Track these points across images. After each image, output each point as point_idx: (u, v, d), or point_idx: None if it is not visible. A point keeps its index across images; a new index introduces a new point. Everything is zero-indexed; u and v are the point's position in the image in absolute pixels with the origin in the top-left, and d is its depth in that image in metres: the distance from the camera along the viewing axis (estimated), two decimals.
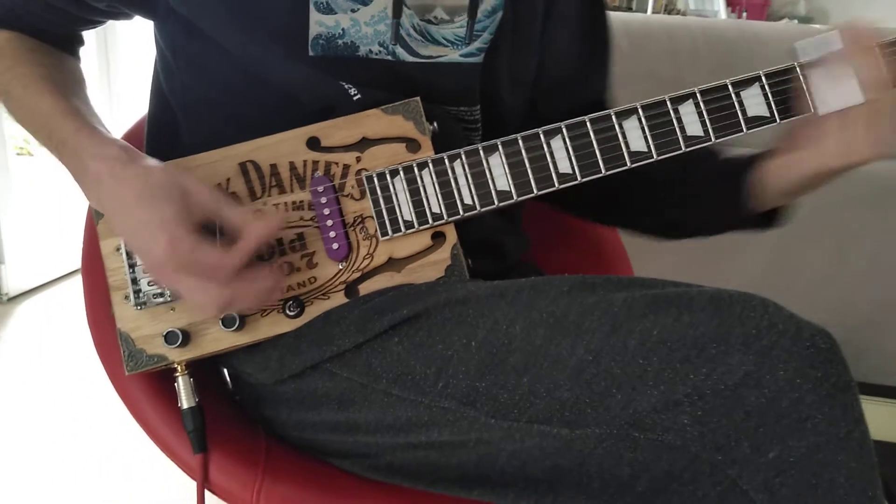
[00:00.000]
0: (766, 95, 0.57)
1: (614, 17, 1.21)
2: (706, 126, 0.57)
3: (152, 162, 0.54)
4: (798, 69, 0.57)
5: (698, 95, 0.57)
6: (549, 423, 0.47)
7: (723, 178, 0.66)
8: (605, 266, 0.88)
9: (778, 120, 0.58)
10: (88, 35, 0.69)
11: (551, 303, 0.49)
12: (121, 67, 2.38)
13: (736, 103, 0.57)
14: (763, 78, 0.57)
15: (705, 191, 0.68)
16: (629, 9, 3.66)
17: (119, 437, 1.41)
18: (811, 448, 0.42)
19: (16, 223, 2.13)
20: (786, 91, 0.58)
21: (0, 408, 1.52)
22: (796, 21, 3.58)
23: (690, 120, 0.57)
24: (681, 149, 0.57)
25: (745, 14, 3.63)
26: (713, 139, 0.57)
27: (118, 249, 0.58)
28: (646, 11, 3.43)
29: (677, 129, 0.57)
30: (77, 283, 0.66)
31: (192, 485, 0.59)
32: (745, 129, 0.58)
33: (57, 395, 1.59)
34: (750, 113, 0.57)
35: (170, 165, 0.55)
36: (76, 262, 0.68)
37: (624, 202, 0.74)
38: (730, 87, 0.57)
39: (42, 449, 1.39)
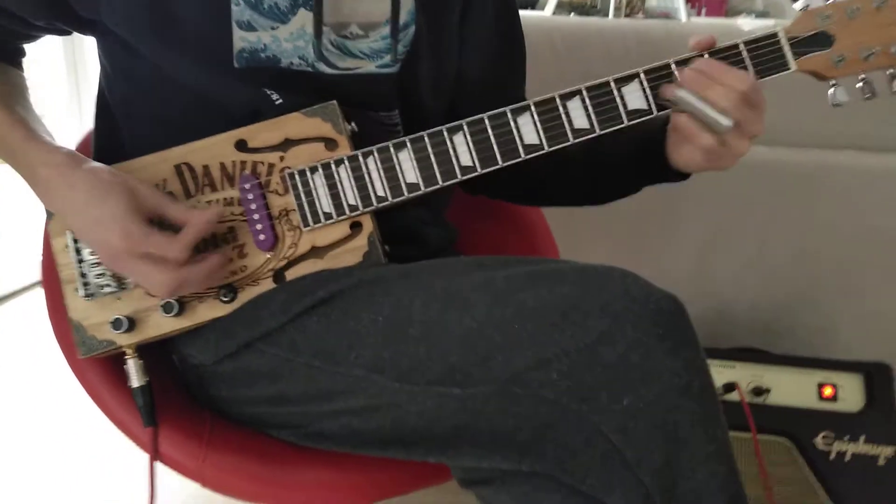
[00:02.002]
0: (644, 91, 0.64)
1: (549, 21, 1.29)
2: (591, 119, 0.64)
3: (97, 165, 0.60)
4: (673, 65, 0.64)
5: (584, 91, 0.64)
6: (444, 384, 0.53)
7: (637, 146, 0.70)
8: (534, 252, 0.95)
9: (655, 112, 0.64)
10: (56, 44, 0.74)
11: (446, 281, 0.56)
12: (89, 75, 2.42)
13: (617, 98, 0.64)
14: (642, 75, 0.64)
15: (622, 158, 0.73)
16: (593, 6, 3.74)
17: (98, 457, 1.46)
18: (658, 395, 0.49)
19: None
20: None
21: None
22: (753, 15, 3.68)
23: (578, 114, 0.64)
24: (569, 141, 0.64)
25: (703, 10, 3.73)
26: (598, 131, 0.64)
27: (66, 247, 0.64)
28: (608, 10, 3.52)
29: (565, 123, 0.64)
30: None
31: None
32: (626, 121, 0.64)
33: (28, 412, 1.61)
34: (630, 106, 0.64)
35: (113, 168, 0.61)
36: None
37: (549, 184, 0.80)
38: (612, 83, 0.64)
39: (11, 470, 1.42)
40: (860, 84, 0.67)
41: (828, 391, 1.09)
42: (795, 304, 1.24)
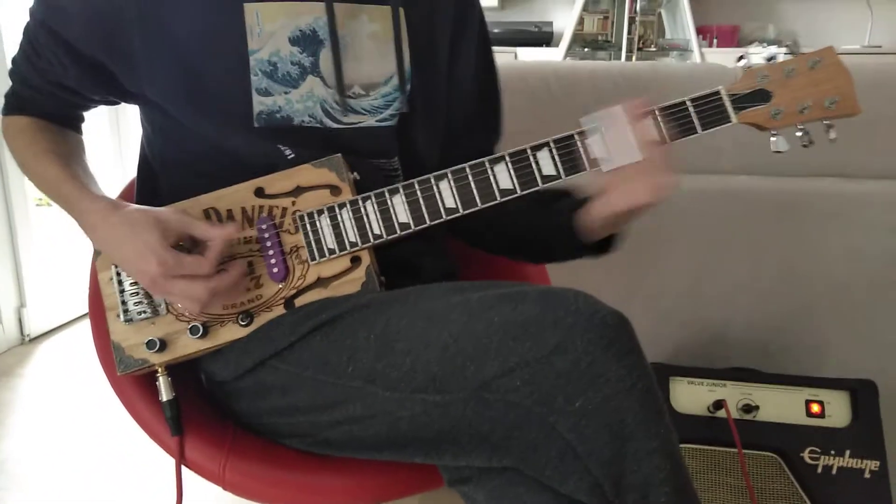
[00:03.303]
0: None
1: (544, 64, 1.39)
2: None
3: (132, 207, 0.72)
4: (576, 137, 0.72)
5: (551, 143, 0.73)
6: (427, 392, 0.62)
7: (559, 219, 0.80)
8: (528, 281, 1.04)
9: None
10: (102, 109, 0.87)
11: (429, 303, 0.66)
12: (131, 133, 2.66)
13: (580, 148, 0.73)
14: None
15: (549, 229, 0.82)
16: (607, 41, 3.87)
17: (134, 468, 1.57)
18: (605, 398, 0.57)
19: (36, 268, 2.32)
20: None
21: (22, 441, 1.68)
22: (765, 44, 3.76)
23: (546, 163, 0.73)
24: (539, 185, 0.73)
25: (715, 41, 3.83)
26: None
27: (111, 279, 0.75)
28: (621, 44, 3.64)
29: (535, 171, 0.73)
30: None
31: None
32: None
33: (75, 429, 1.75)
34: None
35: (144, 207, 0.73)
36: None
37: (490, 238, 0.91)
38: (576, 136, 0.73)
39: (62, 479, 1.54)
40: (799, 133, 0.75)
41: (815, 408, 1.15)
42: (787, 325, 1.30)
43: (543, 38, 3.80)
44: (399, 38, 0.78)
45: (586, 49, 3.72)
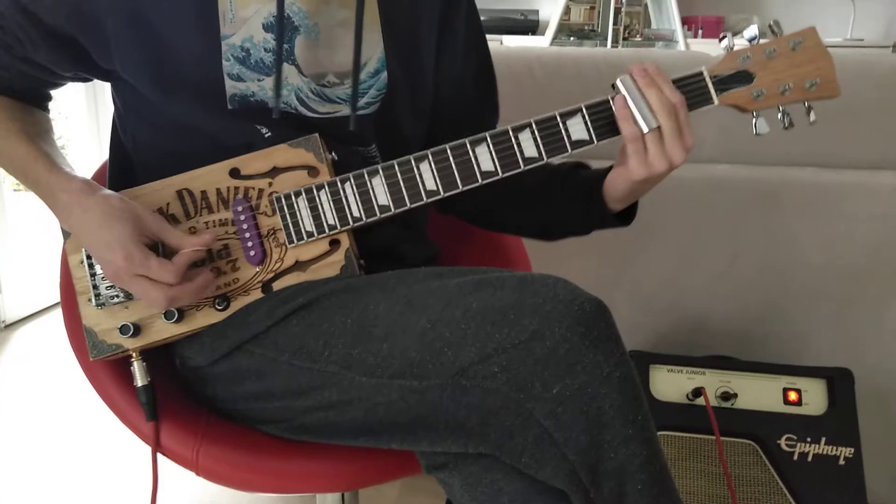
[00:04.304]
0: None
1: (528, 50, 1.38)
2: (540, 148, 0.72)
3: (109, 192, 0.70)
4: (611, 101, 0.73)
5: (533, 124, 0.72)
6: (404, 378, 0.62)
7: (580, 191, 0.81)
8: (509, 268, 1.03)
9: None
10: (79, 88, 0.85)
11: (408, 288, 0.65)
12: (108, 108, 2.61)
13: (562, 130, 0.73)
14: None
15: (569, 201, 0.83)
16: (593, 31, 3.86)
17: (111, 453, 1.55)
18: (582, 384, 0.56)
19: (12, 254, 2.28)
20: (602, 119, 0.73)
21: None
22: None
23: (528, 145, 0.73)
24: (520, 168, 0.72)
25: (700, 32, 3.84)
26: (545, 159, 0.73)
27: (82, 262, 0.73)
28: (607, 34, 3.63)
29: (517, 152, 0.72)
30: None
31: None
32: (570, 150, 0.73)
33: (52, 414, 1.73)
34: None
35: (123, 194, 0.71)
36: None
37: (501, 212, 0.90)
38: (558, 117, 0.73)
39: (39, 464, 1.52)
40: (780, 115, 0.75)
41: (793, 396, 1.16)
42: (766, 315, 1.31)
43: (529, 26, 3.78)
44: (360, 26, 0.76)
45: (572, 38, 3.71)
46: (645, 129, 0.69)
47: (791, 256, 1.28)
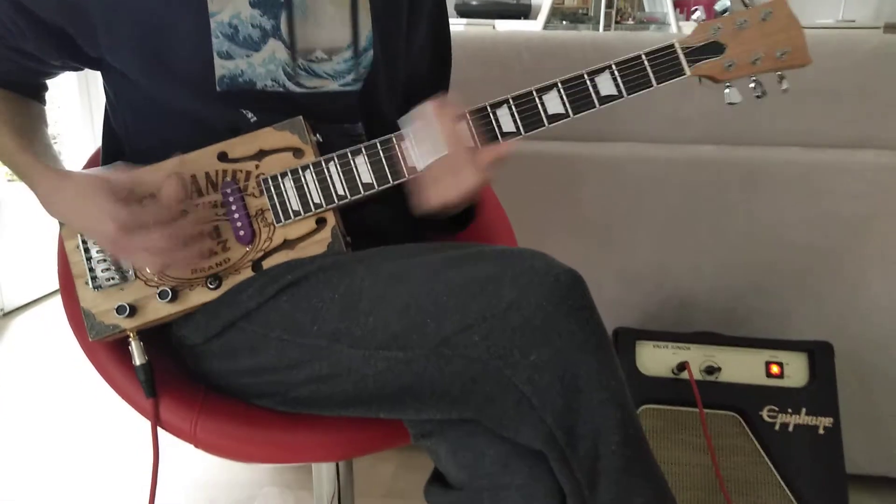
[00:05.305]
0: (562, 98, 0.74)
1: (516, 34, 1.40)
2: (517, 123, 0.74)
3: (79, 173, 0.73)
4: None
5: (511, 101, 0.74)
6: (390, 349, 0.64)
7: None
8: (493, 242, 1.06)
9: (571, 115, 0.74)
10: (71, 77, 0.87)
11: (392, 263, 0.67)
12: (102, 99, 2.62)
13: (539, 105, 0.74)
14: (560, 85, 0.74)
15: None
16: (585, 15, 3.86)
17: (109, 437, 1.59)
18: (557, 351, 0.59)
19: (9, 243, 2.30)
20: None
21: None
22: None
23: (506, 120, 0.74)
24: (499, 141, 0.74)
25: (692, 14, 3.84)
26: (523, 133, 0.74)
27: (78, 247, 0.76)
28: (599, 18, 3.63)
29: (496, 128, 0.74)
30: None
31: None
32: (546, 124, 0.75)
33: (51, 402, 1.76)
34: (550, 111, 0.75)
35: (91, 171, 0.73)
36: None
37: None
38: (534, 93, 0.75)
39: (38, 452, 1.55)
40: (752, 85, 0.77)
41: (775, 369, 1.19)
42: (751, 291, 1.34)
43: (521, 10, 3.78)
44: (356, 3, 0.78)
45: (564, 22, 3.71)
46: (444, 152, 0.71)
47: (774, 235, 1.30)
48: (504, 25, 3.63)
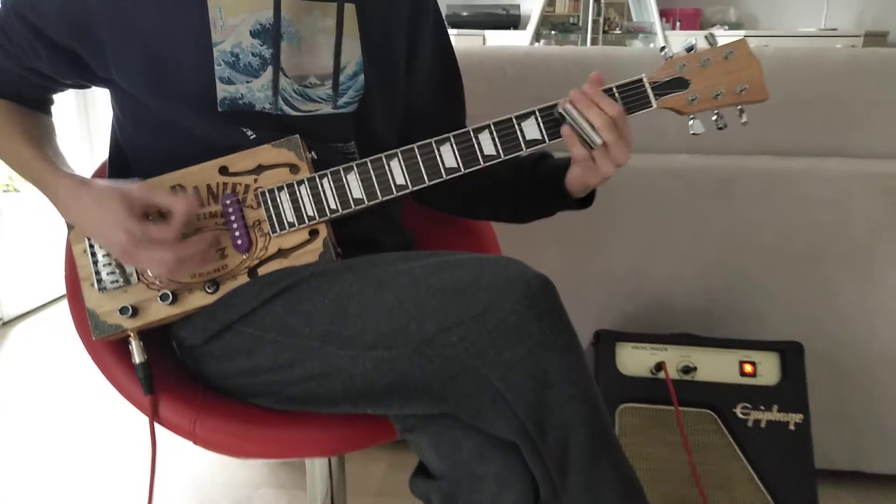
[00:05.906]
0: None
1: (500, 49, 1.46)
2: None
3: (99, 182, 0.78)
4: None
5: (492, 126, 0.80)
6: (376, 349, 0.70)
7: (546, 182, 0.89)
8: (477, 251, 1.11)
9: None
10: (70, 94, 0.93)
11: (379, 270, 0.73)
12: (99, 116, 2.68)
13: (518, 130, 0.80)
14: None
15: (536, 190, 0.91)
16: (574, 24, 3.93)
17: (108, 444, 1.62)
18: (529, 351, 0.64)
19: (8, 253, 2.34)
20: (553, 120, 0.80)
21: None
22: (726, 27, 3.86)
23: (487, 144, 0.80)
24: (481, 164, 0.80)
25: (678, 24, 3.92)
26: (503, 157, 0.80)
27: (85, 251, 0.81)
28: (587, 27, 3.70)
29: (477, 151, 0.80)
30: (65, 305, 0.89)
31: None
32: (525, 149, 0.80)
33: (50, 409, 1.78)
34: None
35: (110, 181, 0.78)
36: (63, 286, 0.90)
37: (476, 201, 0.98)
38: (514, 119, 0.80)
39: (37, 458, 1.58)
40: (714, 117, 0.83)
41: (748, 368, 1.25)
42: (726, 295, 1.40)
43: (511, 20, 3.85)
44: (340, 33, 0.83)
45: (553, 32, 3.78)
46: (593, 148, 0.78)
47: (748, 240, 1.36)
48: (494, 36, 3.71)
